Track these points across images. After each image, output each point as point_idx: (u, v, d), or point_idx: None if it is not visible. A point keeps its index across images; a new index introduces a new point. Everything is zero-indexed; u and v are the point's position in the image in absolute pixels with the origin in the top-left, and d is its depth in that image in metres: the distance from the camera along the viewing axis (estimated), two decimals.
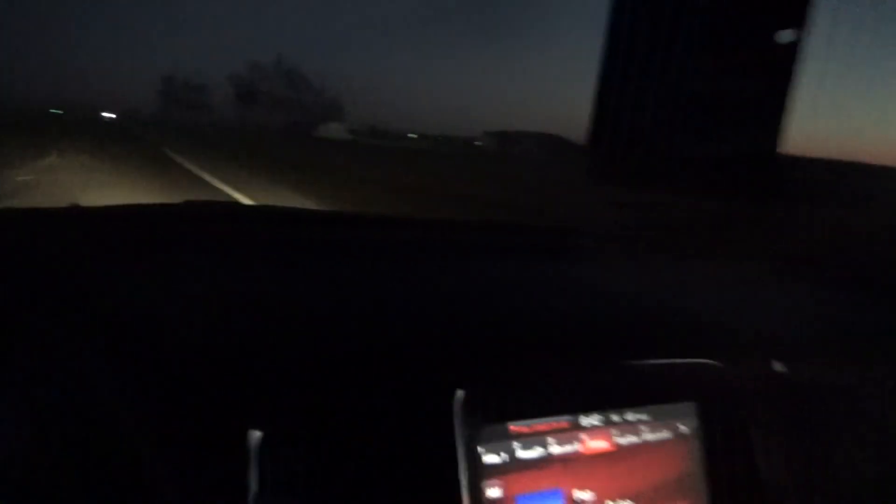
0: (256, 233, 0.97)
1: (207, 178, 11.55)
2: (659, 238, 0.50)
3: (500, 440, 0.61)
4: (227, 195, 8.92)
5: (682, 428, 0.69)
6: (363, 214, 1.13)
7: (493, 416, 0.60)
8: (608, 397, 0.66)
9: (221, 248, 0.88)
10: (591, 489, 0.64)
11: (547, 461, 0.63)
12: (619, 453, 0.66)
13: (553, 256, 0.62)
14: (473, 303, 0.75)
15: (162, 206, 1.13)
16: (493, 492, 0.59)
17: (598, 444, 0.65)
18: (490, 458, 0.60)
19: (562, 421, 0.64)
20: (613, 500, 0.65)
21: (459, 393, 0.58)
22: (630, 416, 0.67)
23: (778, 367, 0.73)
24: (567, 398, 0.64)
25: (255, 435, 0.53)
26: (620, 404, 0.67)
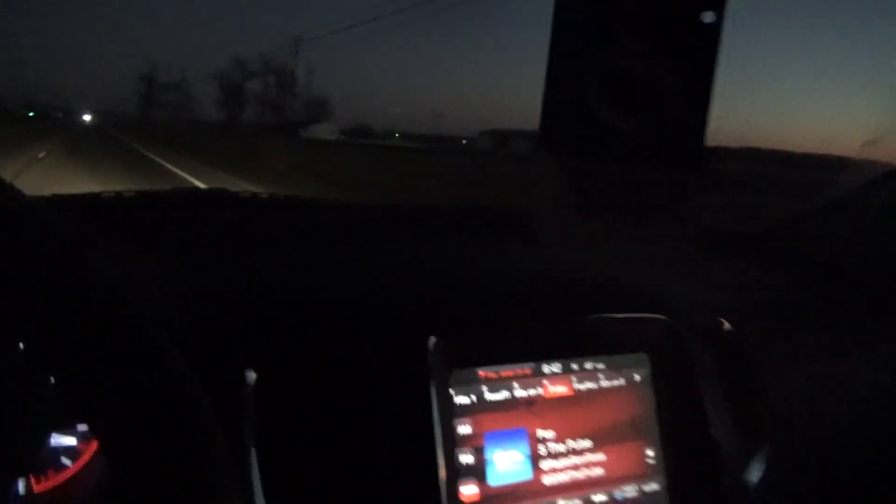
0: (249, 215, 1.04)
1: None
2: (604, 207, 0.56)
3: (470, 384, 0.68)
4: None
5: (636, 376, 0.77)
6: (347, 202, 1.21)
7: (463, 362, 0.67)
8: (568, 347, 0.74)
9: (219, 227, 0.95)
10: (553, 429, 0.71)
11: (512, 403, 0.70)
12: (578, 397, 0.73)
13: (515, 233, 0.70)
14: (447, 267, 0.82)
15: (152, 192, 1.19)
16: (463, 429, 0.66)
17: (558, 389, 0.72)
18: (461, 399, 0.67)
19: (525, 367, 0.71)
20: (573, 438, 0.72)
21: (432, 339, 0.65)
22: (588, 365, 0.74)
23: (722, 322, 0.81)
24: (530, 347, 0.72)
25: (252, 375, 0.60)
26: (579, 354, 0.74)
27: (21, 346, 0.60)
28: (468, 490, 0.65)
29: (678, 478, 0.76)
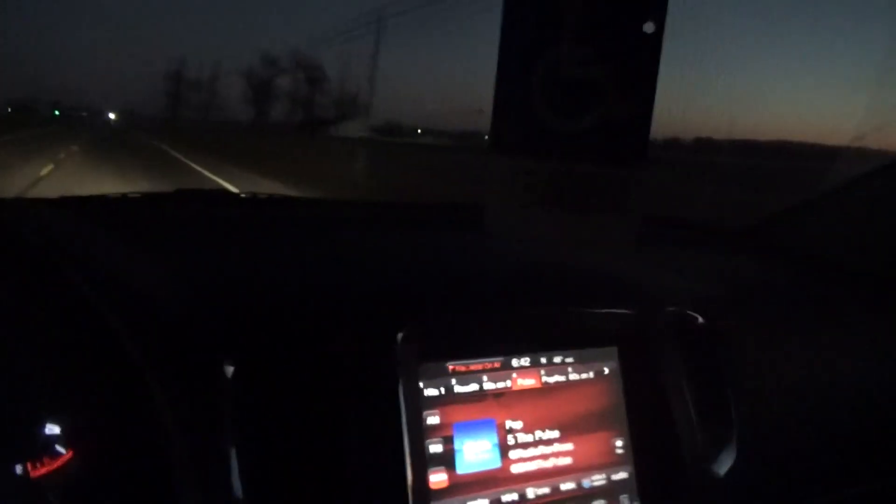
0: (235, 214, 1.09)
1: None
2: (553, 203, 0.59)
3: (440, 377, 0.71)
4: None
5: (605, 369, 0.79)
6: (323, 198, 1.26)
7: (433, 355, 0.71)
8: (537, 341, 0.76)
9: (205, 226, 1.00)
10: (521, 419, 0.74)
11: (481, 395, 0.73)
12: (547, 390, 0.76)
13: (478, 227, 0.73)
14: (417, 263, 0.86)
15: (157, 193, 1.24)
16: (432, 419, 0.70)
17: (527, 382, 0.75)
18: (430, 392, 0.70)
19: (495, 361, 0.74)
20: (542, 429, 0.75)
21: (401, 333, 0.68)
22: (557, 358, 0.77)
23: (692, 316, 0.83)
24: (500, 341, 0.75)
25: (229, 368, 0.64)
26: (549, 347, 0.77)
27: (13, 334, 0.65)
28: (437, 478, 0.69)
29: (646, 467, 0.78)
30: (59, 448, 0.67)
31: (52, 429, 0.66)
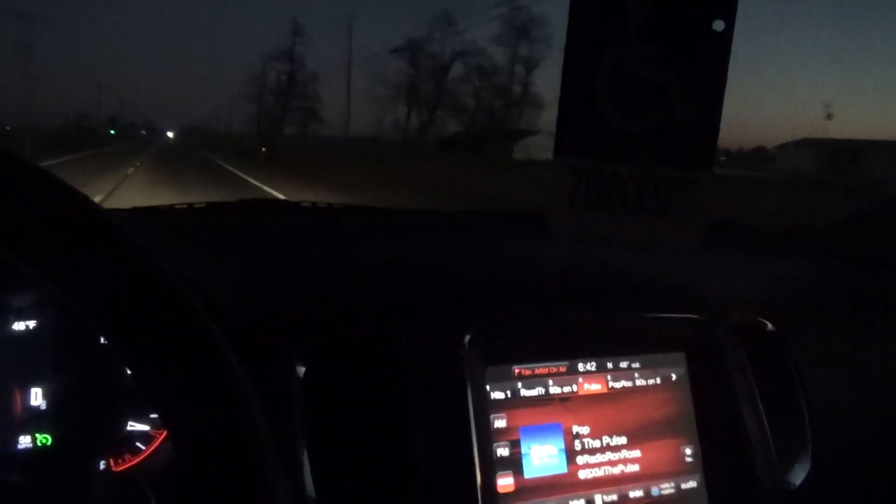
0: (297, 222, 1.11)
1: None
2: (615, 206, 0.58)
3: (506, 380, 0.71)
4: None
5: (672, 375, 0.78)
6: (390, 208, 1.27)
7: (498, 358, 0.71)
8: (604, 346, 0.76)
9: (269, 233, 1.02)
10: (588, 425, 0.73)
11: (547, 399, 0.73)
12: (613, 395, 0.75)
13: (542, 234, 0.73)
14: (482, 267, 0.86)
15: (222, 203, 1.28)
16: (499, 423, 0.70)
17: (593, 387, 0.75)
18: (496, 395, 0.70)
19: (561, 365, 0.74)
20: (609, 435, 0.74)
21: (467, 337, 0.69)
22: (623, 363, 0.76)
23: (760, 322, 0.81)
24: (566, 345, 0.74)
25: (301, 369, 0.65)
26: (615, 352, 0.76)
27: (99, 342, 0.68)
28: (504, 481, 0.69)
29: (717, 476, 0.76)
30: (140, 445, 0.69)
31: (135, 426, 0.69)
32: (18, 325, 0.66)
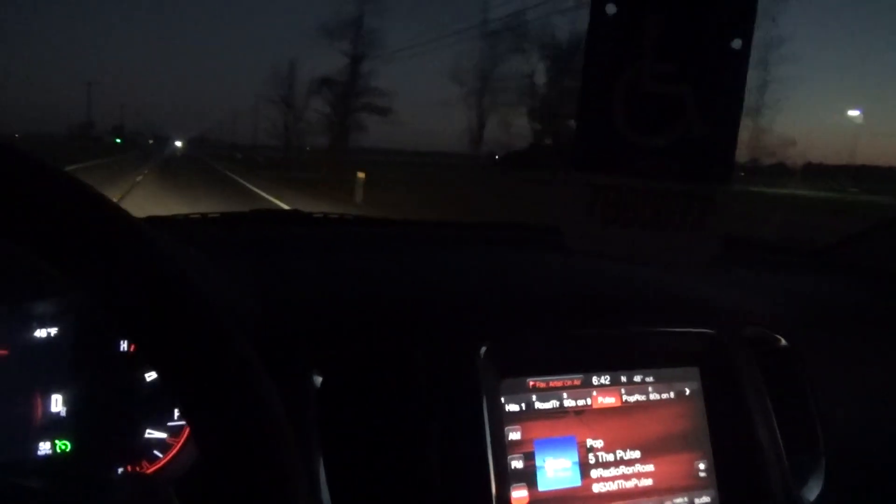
0: (309, 233, 1.12)
1: None
2: (631, 221, 0.58)
3: (520, 392, 0.72)
4: None
5: (686, 389, 0.78)
6: (407, 220, 1.28)
7: (513, 371, 0.71)
8: (618, 359, 0.76)
9: (282, 244, 1.03)
10: (602, 438, 0.74)
11: (562, 412, 0.73)
12: (627, 409, 0.75)
13: (558, 246, 0.74)
14: (498, 279, 0.86)
15: (234, 213, 1.29)
16: (514, 435, 0.70)
17: (607, 400, 0.75)
18: (511, 407, 0.71)
19: (575, 378, 0.74)
20: (623, 449, 0.74)
21: (482, 349, 0.69)
22: (637, 377, 0.76)
23: (774, 337, 0.81)
24: (580, 358, 0.75)
25: (318, 379, 0.66)
26: (629, 366, 0.76)
27: (119, 349, 0.69)
28: (518, 494, 0.69)
29: (730, 491, 0.76)
30: (157, 452, 0.70)
31: (152, 434, 0.70)
32: (40, 332, 0.67)
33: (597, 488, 0.72)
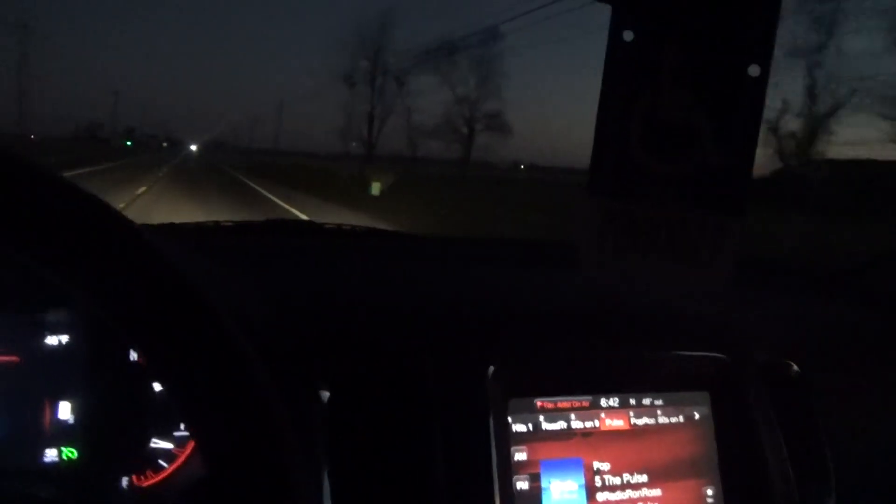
0: (322, 244, 1.12)
1: None
2: (645, 247, 0.57)
3: (527, 413, 0.71)
4: None
5: (695, 414, 0.77)
6: (416, 234, 1.28)
7: (521, 391, 0.71)
8: (626, 382, 0.75)
9: (295, 255, 1.03)
10: (609, 461, 0.73)
11: (569, 433, 0.72)
12: (636, 432, 0.74)
13: (568, 264, 0.73)
14: (508, 298, 0.86)
15: (248, 222, 1.30)
16: (520, 456, 0.70)
17: (615, 423, 0.74)
18: (518, 427, 0.70)
19: (583, 400, 0.73)
20: (630, 472, 0.73)
21: (491, 368, 0.69)
22: (646, 400, 0.76)
23: (786, 364, 0.80)
24: (589, 379, 0.74)
25: (325, 394, 0.66)
26: (638, 389, 0.76)
27: (128, 359, 0.69)
28: None
29: None
30: (162, 462, 0.70)
31: (158, 444, 0.70)
32: (51, 341, 0.67)
33: None
